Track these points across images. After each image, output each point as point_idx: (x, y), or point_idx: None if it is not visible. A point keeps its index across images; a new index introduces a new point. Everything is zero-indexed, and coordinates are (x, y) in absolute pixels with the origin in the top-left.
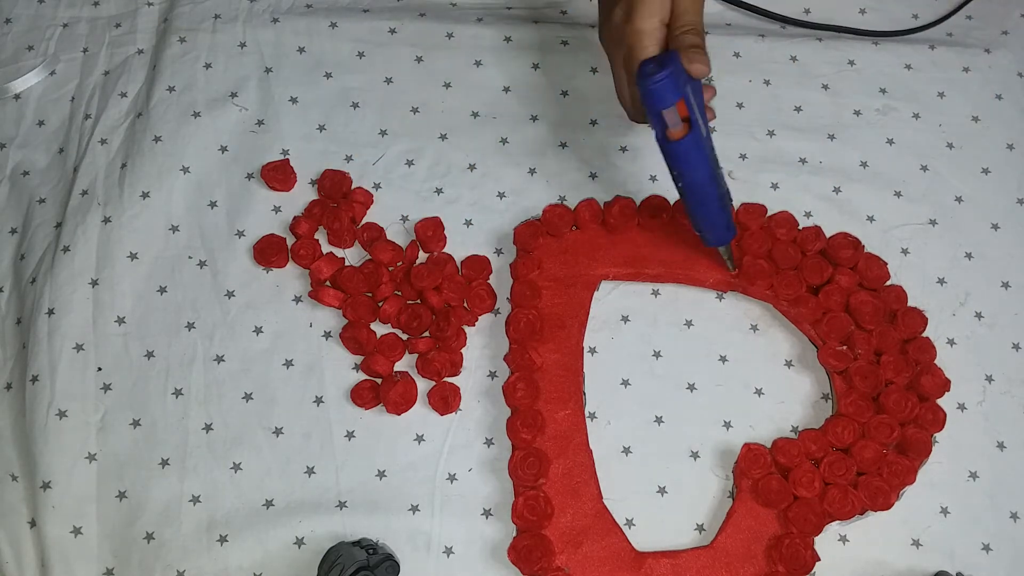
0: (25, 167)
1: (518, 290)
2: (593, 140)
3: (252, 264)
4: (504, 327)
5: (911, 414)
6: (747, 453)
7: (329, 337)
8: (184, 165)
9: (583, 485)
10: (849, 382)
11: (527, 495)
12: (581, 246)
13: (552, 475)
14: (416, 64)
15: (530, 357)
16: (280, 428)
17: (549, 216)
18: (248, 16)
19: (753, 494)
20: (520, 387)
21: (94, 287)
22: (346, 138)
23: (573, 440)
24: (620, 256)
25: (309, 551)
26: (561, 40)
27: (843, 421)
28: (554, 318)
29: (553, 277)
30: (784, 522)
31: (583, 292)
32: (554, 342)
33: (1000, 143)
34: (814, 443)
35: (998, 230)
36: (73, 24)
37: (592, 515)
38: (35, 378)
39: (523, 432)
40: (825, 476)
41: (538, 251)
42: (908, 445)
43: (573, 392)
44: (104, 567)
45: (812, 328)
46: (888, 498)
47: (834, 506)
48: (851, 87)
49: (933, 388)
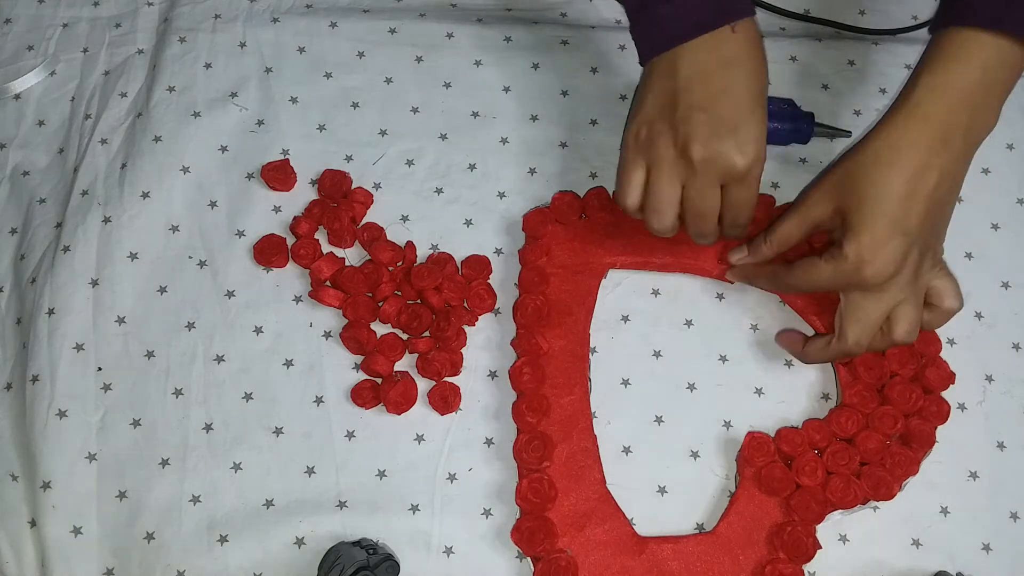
0: (25, 167)
1: (526, 276)
2: (593, 140)
3: (252, 264)
4: (511, 313)
5: (915, 406)
6: (751, 441)
7: (329, 337)
8: (184, 165)
9: (587, 469)
10: (854, 372)
11: (531, 478)
12: (590, 234)
13: (556, 459)
14: (416, 64)
15: (537, 342)
16: (280, 428)
17: (558, 203)
18: (248, 16)
19: (756, 482)
20: (526, 371)
21: (94, 287)
22: (346, 138)
23: (578, 425)
24: (628, 245)
25: (309, 551)
26: (561, 40)
27: (847, 411)
28: (561, 305)
29: (561, 264)
30: (786, 510)
31: (591, 280)
32: (561, 328)
33: (1000, 143)
34: (818, 432)
35: (998, 230)
36: (73, 24)
37: (595, 499)
38: (35, 378)
39: (528, 416)
40: (828, 465)
41: (546, 238)
42: (911, 436)
43: (579, 378)
44: (104, 567)
45: (817, 319)
46: (891, 488)
47: (836, 495)
48: (851, 87)
49: (938, 381)
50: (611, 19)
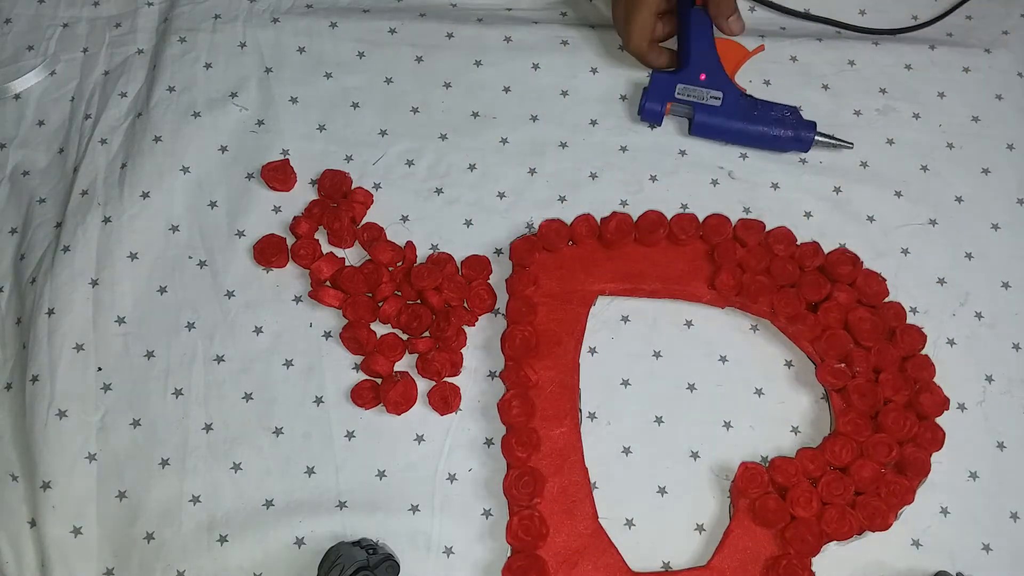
0: (25, 167)
1: (514, 306)
2: (593, 140)
3: (252, 264)
4: (500, 342)
5: (910, 433)
6: (744, 472)
7: (329, 337)
8: (184, 165)
9: (578, 504)
10: (847, 400)
11: (522, 515)
12: (577, 261)
13: (547, 494)
14: (416, 64)
15: (525, 374)
16: (280, 428)
17: (545, 231)
18: (248, 16)
19: (750, 514)
20: (515, 404)
21: (94, 287)
22: (346, 138)
23: (568, 458)
24: (616, 271)
25: (309, 551)
26: (561, 40)
27: (841, 440)
28: (550, 334)
29: (549, 293)
30: (781, 542)
31: (579, 308)
32: (550, 359)
33: (1000, 143)
34: (812, 462)
35: (998, 230)
36: (73, 24)
37: (588, 535)
38: (35, 378)
39: (518, 451)
40: (823, 496)
41: (534, 266)
42: (906, 465)
43: (569, 409)
44: (104, 567)
45: (810, 345)
46: (886, 518)
47: (832, 526)
48: (851, 87)
49: (932, 406)
50: (611, 18)
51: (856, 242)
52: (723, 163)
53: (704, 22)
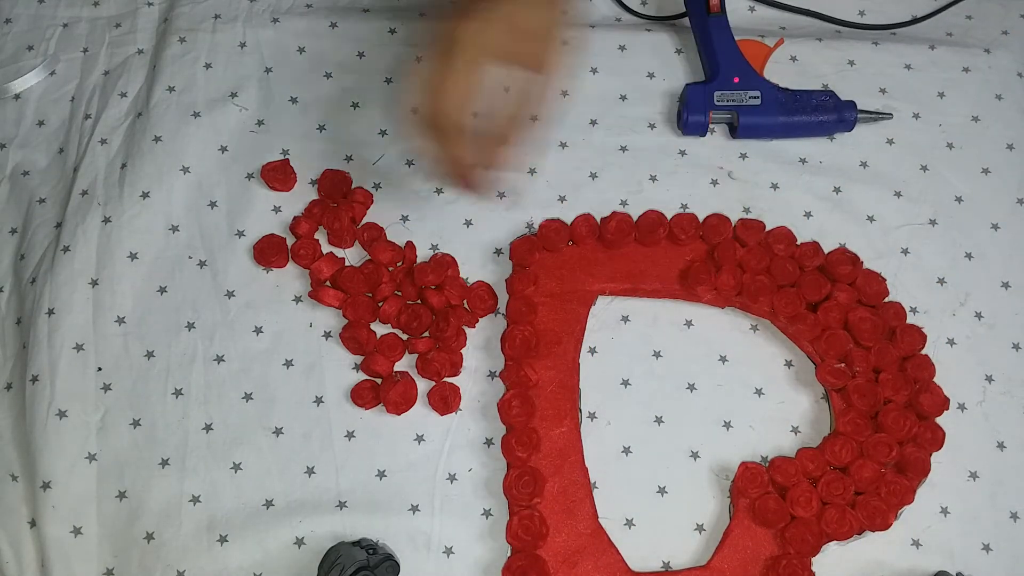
0: (25, 167)
1: (514, 306)
2: (593, 140)
3: (252, 264)
4: (500, 342)
5: (910, 433)
6: (744, 472)
7: (329, 337)
8: (184, 165)
9: (578, 504)
10: (847, 400)
11: (522, 515)
12: (577, 261)
13: (547, 494)
14: (416, 64)
15: (525, 374)
16: (280, 428)
17: (545, 231)
18: (248, 16)
19: (750, 514)
20: (515, 404)
21: (94, 287)
22: (346, 138)
23: (568, 458)
24: (616, 271)
25: (309, 551)
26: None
27: (841, 440)
28: (550, 334)
29: (549, 292)
30: (781, 542)
31: (579, 308)
32: (550, 359)
33: (1000, 143)
34: (812, 462)
35: (998, 230)
36: (73, 24)
37: (587, 535)
38: (35, 378)
39: (518, 451)
40: (823, 496)
41: (534, 266)
42: (906, 464)
43: (569, 409)
44: (104, 567)
45: (810, 345)
46: (886, 518)
47: (832, 526)
48: (851, 87)
49: (932, 406)
50: (611, 18)
51: (856, 242)
52: (723, 163)
53: (724, 27)
